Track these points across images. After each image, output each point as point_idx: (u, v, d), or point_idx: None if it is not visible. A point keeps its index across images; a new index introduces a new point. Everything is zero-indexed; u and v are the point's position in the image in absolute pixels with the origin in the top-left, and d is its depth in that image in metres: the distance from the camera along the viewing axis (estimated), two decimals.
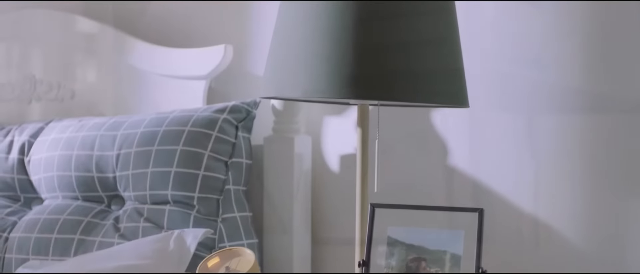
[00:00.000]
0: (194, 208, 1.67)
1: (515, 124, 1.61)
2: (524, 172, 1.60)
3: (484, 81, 1.63)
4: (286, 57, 1.34)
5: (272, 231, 1.78)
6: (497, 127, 1.63)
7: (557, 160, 1.57)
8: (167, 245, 1.56)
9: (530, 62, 1.59)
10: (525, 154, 1.60)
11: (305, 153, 1.79)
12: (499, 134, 1.62)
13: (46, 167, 1.86)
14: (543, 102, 1.59)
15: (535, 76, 1.59)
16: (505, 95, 1.62)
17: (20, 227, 1.84)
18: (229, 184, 1.70)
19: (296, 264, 1.76)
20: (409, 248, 1.17)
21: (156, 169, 1.70)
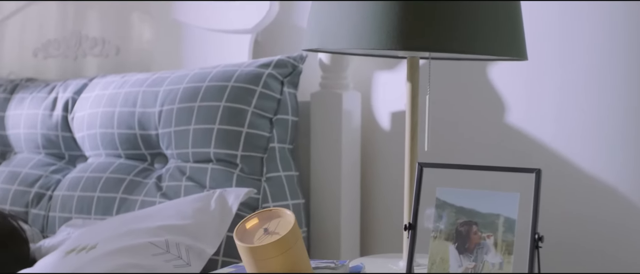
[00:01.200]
0: (237, 166, 1.60)
1: (576, 80, 1.49)
2: (584, 131, 1.48)
3: (543, 33, 1.52)
4: (330, 6, 1.25)
5: (319, 191, 1.70)
6: (556, 83, 1.52)
7: (621, 119, 1.45)
8: (208, 205, 1.50)
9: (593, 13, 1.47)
10: (586, 112, 1.48)
11: (354, 110, 1.70)
12: (558, 90, 1.51)
13: (89, 124, 1.82)
14: (605, 57, 1.47)
15: (599, 28, 1.47)
16: (565, 48, 1.50)
17: (64, 185, 1.81)
18: (274, 142, 1.63)
19: (344, 225, 1.68)
20: (459, 211, 1.09)
21: (198, 127, 1.63)
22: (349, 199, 1.69)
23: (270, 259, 1.15)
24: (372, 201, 1.73)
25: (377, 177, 1.72)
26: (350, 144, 1.69)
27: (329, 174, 1.69)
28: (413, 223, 1.13)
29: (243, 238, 1.19)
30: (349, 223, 1.70)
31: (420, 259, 1.25)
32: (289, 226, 1.17)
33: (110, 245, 1.44)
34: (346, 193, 1.69)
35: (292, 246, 1.16)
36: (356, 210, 1.71)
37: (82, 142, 1.86)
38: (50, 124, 1.91)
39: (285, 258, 1.15)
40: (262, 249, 1.15)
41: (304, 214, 1.67)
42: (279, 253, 1.15)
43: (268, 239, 1.17)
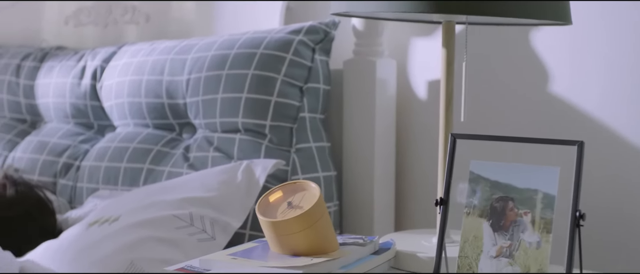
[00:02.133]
0: (266, 136, 1.54)
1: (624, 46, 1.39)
2: (631, 101, 1.39)
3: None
4: None
5: (351, 163, 1.64)
6: (602, 49, 1.42)
7: None
8: (235, 177, 1.45)
9: None
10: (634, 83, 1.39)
11: (389, 78, 1.62)
12: (604, 57, 1.41)
13: (117, 93, 1.77)
14: None
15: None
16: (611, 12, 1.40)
17: (92, 155, 1.77)
18: (304, 112, 1.57)
19: (377, 199, 1.62)
20: (494, 186, 1.01)
21: (226, 95, 1.57)
22: (383, 171, 1.62)
23: (293, 234, 1.09)
24: (407, 174, 1.66)
25: (412, 148, 1.65)
26: (384, 114, 1.62)
27: (362, 145, 1.62)
28: (445, 197, 1.06)
29: (266, 211, 1.13)
30: (382, 196, 1.63)
31: (456, 235, 1.18)
32: (313, 200, 1.11)
33: (133, 217, 1.39)
34: (380, 165, 1.62)
35: (316, 221, 1.10)
36: (390, 183, 1.64)
37: (110, 112, 1.81)
38: (78, 93, 1.87)
39: (310, 233, 1.09)
40: (285, 224, 1.09)
41: (335, 186, 1.60)
42: (303, 228, 1.09)
43: (291, 213, 1.10)
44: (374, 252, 1.18)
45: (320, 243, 1.11)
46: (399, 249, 1.22)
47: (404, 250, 1.22)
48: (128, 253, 1.32)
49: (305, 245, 1.10)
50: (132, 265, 1.30)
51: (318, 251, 1.11)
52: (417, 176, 1.65)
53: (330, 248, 1.12)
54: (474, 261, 1.00)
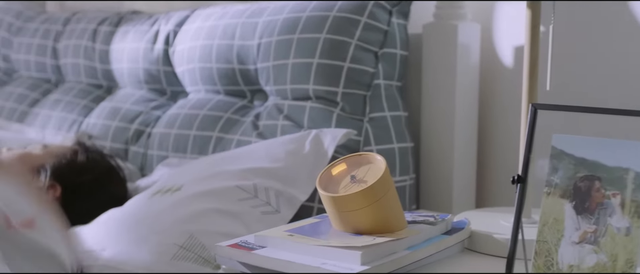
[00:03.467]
0: (338, 105, 1.45)
1: None
2: None
3: None
4: None
5: (430, 134, 1.53)
6: None
7: None
8: (302, 147, 1.37)
9: None
10: None
11: (471, 44, 1.50)
12: None
13: (189, 58, 1.71)
14: None
15: None
16: None
17: (163, 122, 1.72)
18: (379, 79, 1.47)
19: (457, 173, 1.51)
20: (579, 163, 0.89)
21: (297, 61, 1.49)
22: (464, 144, 1.51)
23: (355, 211, 1.01)
24: (490, 147, 1.54)
25: (497, 119, 1.53)
26: (466, 82, 1.50)
27: (441, 115, 1.51)
28: (523, 175, 0.94)
29: (328, 185, 1.04)
30: (463, 170, 1.52)
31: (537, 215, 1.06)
32: (379, 174, 1.02)
33: (196, 187, 1.33)
34: (461, 137, 1.50)
35: (381, 197, 1.00)
36: (472, 156, 1.53)
37: (182, 78, 1.76)
38: (151, 58, 1.82)
39: (373, 210, 1.00)
40: (347, 199, 1.01)
41: (411, 159, 1.50)
42: (366, 204, 1.00)
43: (354, 187, 1.02)
44: (446, 232, 1.08)
45: (385, 221, 1.02)
46: (474, 229, 1.11)
47: (479, 230, 1.11)
48: (188, 224, 1.26)
49: (369, 223, 1.01)
50: (191, 237, 1.24)
51: (383, 229, 1.01)
52: (501, 149, 1.53)
53: (397, 226, 1.03)
54: (553, 247, 0.89)
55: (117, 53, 1.92)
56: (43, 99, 2.12)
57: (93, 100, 1.98)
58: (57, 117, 2.00)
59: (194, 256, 1.22)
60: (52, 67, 2.16)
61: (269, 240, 1.01)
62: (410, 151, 1.50)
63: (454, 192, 1.50)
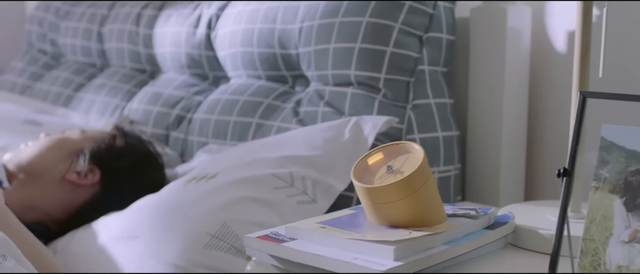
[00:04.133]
0: (380, 91, 1.40)
1: None
2: None
3: None
4: None
5: (477, 123, 1.46)
6: None
7: None
8: (341, 134, 1.32)
9: None
10: None
11: (522, 28, 1.43)
12: None
13: (230, 42, 1.68)
14: None
15: None
16: None
17: (203, 108, 1.69)
18: (423, 64, 1.41)
19: (505, 163, 1.44)
20: (631, 156, 0.82)
21: (339, 45, 1.44)
22: (513, 133, 1.44)
23: (391, 203, 0.95)
24: (541, 136, 1.47)
25: (548, 107, 1.45)
26: (516, 68, 1.43)
27: (489, 103, 1.44)
28: (569, 168, 0.88)
29: (363, 175, 0.99)
30: (512, 161, 1.45)
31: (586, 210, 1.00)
32: (416, 164, 0.96)
33: (231, 175, 1.29)
34: (510, 126, 1.44)
35: (418, 189, 0.95)
36: (521, 146, 1.46)
37: (224, 62, 1.72)
38: (193, 43, 1.79)
39: (410, 202, 0.95)
40: (381, 191, 0.95)
41: (457, 148, 1.44)
42: (402, 196, 0.95)
43: (389, 178, 0.96)
44: (488, 226, 1.02)
45: (422, 214, 0.96)
46: (519, 224, 1.05)
47: (524, 225, 1.05)
48: (221, 213, 1.22)
49: (405, 216, 0.96)
50: (224, 226, 1.20)
51: (420, 222, 0.96)
52: (552, 139, 1.45)
53: (435, 220, 0.97)
54: (601, 246, 0.82)
55: (160, 37, 1.89)
56: (88, 84, 2.11)
57: (136, 85, 1.96)
58: (101, 102, 1.98)
59: (226, 246, 1.18)
60: (97, 51, 2.14)
61: (300, 232, 0.96)
62: (455, 140, 1.44)
63: (502, 183, 1.44)
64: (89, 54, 2.17)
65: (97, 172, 1.48)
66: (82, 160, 1.48)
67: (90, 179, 1.47)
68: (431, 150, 1.38)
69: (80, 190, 1.46)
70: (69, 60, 2.28)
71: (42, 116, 2.02)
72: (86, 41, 2.17)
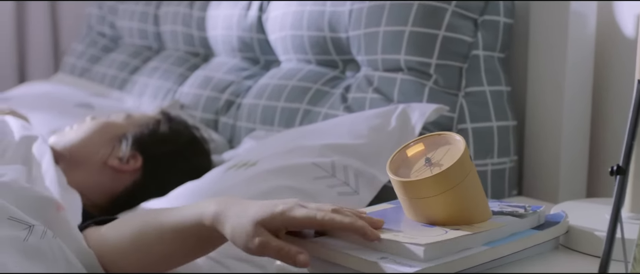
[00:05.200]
0: (430, 77, 1.32)
1: None
2: None
3: None
4: None
5: (536, 112, 1.37)
6: None
7: None
8: (387, 123, 1.25)
9: None
10: None
11: (587, 11, 1.33)
12: None
13: (281, 25, 1.62)
14: None
15: None
16: None
17: (252, 92, 1.64)
18: (478, 49, 1.32)
19: (566, 156, 1.34)
20: None
21: (389, 29, 1.36)
22: (575, 123, 1.34)
23: (427, 198, 0.88)
24: (605, 128, 1.37)
25: (613, 97, 1.35)
26: (580, 54, 1.33)
27: (550, 91, 1.35)
28: (623, 165, 0.79)
29: (400, 168, 0.92)
30: (573, 153, 1.35)
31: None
32: (457, 155, 0.89)
33: (271, 163, 1.24)
34: (572, 116, 1.34)
35: (457, 184, 0.88)
36: (584, 138, 1.36)
37: (275, 46, 1.67)
38: (245, 25, 1.73)
39: (448, 198, 0.88)
40: (416, 185, 0.88)
41: (513, 139, 1.35)
42: (439, 191, 0.87)
43: (426, 172, 0.89)
44: (538, 226, 0.94)
45: (462, 211, 0.89)
46: (572, 224, 0.96)
47: (579, 225, 0.96)
48: None
49: (442, 212, 0.89)
50: None
51: (460, 220, 0.89)
52: (617, 131, 1.35)
53: (478, 217, 0.90)
54: None
55: (212, 20, 1.85)
56: (143, 67, 2.08)
57: (189, 68, 1.92)
58: (154, 85, 1.95)
59: None
60: (153, 34, 2.12)
61: None
62: (511, 130, 1.35)
63: (562, 178, 1.34)
64: (145, 37, 2.15)
65: (139, 158, 1.44)
66: (124, 145, 1.45)
67: (132, 165, 1.44)
68: (484, 141, 1.30)
69: (121, 176, 1.43)
70: (126, 43, 2.26)
71: (96, 99, 2.01)
72: (143, 23, 2.14)
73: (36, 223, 1.03)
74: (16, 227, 1.01)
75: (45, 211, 1.07)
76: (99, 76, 2.20)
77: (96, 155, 1.43)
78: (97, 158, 1.43)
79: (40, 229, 1.02)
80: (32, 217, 1.05)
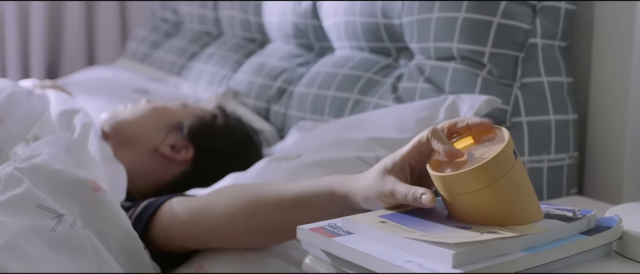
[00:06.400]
0: (484, 67, 1.24)
1: None
2: None
3: None
4: None
5: (599, 106, 1.28)
6: None
7: None
8: (436, 115, 1.18)
9: None
10: None
11: None
12: None
13: (335, 11, 1.56)
14: None
15: None
16: None
17: (304, 80, 1.59)
18: (536, 37, 1.23)
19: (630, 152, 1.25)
20: None
21: (441, 15, 1.29)
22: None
23: (463, 195, 0.82)
24: None
25: None
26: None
27: (616, 82, 1.25)
28: None
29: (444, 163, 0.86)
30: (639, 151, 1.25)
31: None
32: (497, 149, 0.82)
33: (314, 156, 1.19)
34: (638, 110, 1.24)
35: (496, 180, 0.81)
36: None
37: (329, 32, 1.61)
38: (299, 11, 1.68)
39: (485, 196, 0.81)
40: (450, 181, 0.82)
41: (573, 134, 1.26)
42: (474, 189, 0.81)
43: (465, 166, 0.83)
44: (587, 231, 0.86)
45: (503, 211, 0.82)
46: (627, 229, 0.88)
47: (634, 231, 0.88)
48: None
49: (480, 211, 0.82)
50: None
51: (501, 220, 0.82)
52: None
53: (523, 218, 0.83)
54: None
55: (268, 6, 1.80)
56: (200, 53, 2.05)
57: (245, 54, 1.88)
58: (209, 72, 1.92)
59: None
60: (212, 19, 2.08)
61: (358, 226, 0.84)
62: (572, 125, 1.26)
63: (626, 176, 1.25)
64: (204, 22, 2.12)
65: (191, 149, 1.41)
66: (178, 134, 1.41)
67: (183, 155, 1.40)
68: (540, 135, 1.22)
69: (171, 165, 1.40)
70: (186, 28, 2.24)
71: (153, 84, 1.99)
72: (202, 9, 2.11)
73: (65, 212, 1.00)
74: (45, 216, 0.98)
75: (80, 193, 1.04)
76: (158, 61, 2.19)
77: (147, 138, 1.41)
78: (148, 142, 1.40)
79: (69, 219, 1.00)
80: (66, 199, 1.03)
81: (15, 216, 0.96)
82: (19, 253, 0.92)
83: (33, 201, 0.99)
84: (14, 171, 1.02)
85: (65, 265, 0.95)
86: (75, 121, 1.23)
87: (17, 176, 1.01)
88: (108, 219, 1.05)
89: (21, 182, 1.00)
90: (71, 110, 1.26)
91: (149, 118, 1.45)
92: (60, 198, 1.03)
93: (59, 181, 1.04)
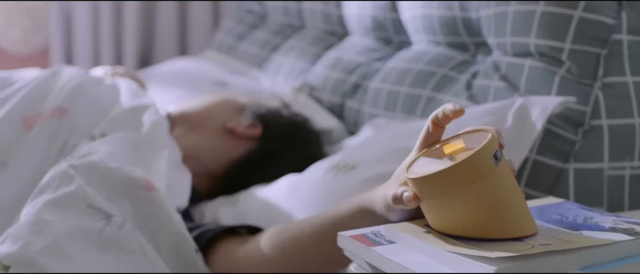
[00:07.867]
0: (563, 64, 1.15)
1: None
2: None
3: None
4: None
5: None
6: None
7: None
8: (503, 120, 1.09)
9: None
10: None
11: None
12: None
13: (412, 3, 1.49)
14: None
15: None
16: None
17: (379, 75, 1.53)
18: (621, 33, 1.13)
19: None
20: None
21: (519, 8, 1.20)
22: None
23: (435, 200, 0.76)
24: None
25: None
26: None
27: None
28: None
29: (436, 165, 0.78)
30: None
31: None
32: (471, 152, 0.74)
33: (369, 169, 1.14)
34: None
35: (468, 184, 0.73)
36: None
37: (407, 25, 1.54)
38: (378, 3, 1.62)
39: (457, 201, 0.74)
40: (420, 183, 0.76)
41: None
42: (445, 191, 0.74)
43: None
44: None
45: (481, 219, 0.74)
46: None
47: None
48: None
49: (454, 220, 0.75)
50: None
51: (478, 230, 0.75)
52: None
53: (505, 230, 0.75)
54: None
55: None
56: (282, 45, 2.02)
57: (325, 47, 1.83)
58: (288, 65, 1.89)
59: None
60: (295, 11, 2.04)
61: (400, 235, 0.78)
62: None
63: None
64: (288, 14, 2.08)
65: (259, 127, 1.42)
66: (247, 113, 1.45)
67: (251, 131, 1.40)
68: (623, 140, 1.11)
69: (238, 142, 1.41)
70: (271, 20, 2.21)
71: (233, 77, 1.97)
72: (286, 1, 2.08)
73: (116, 212, 0.98)
74: (94, 216, 0.97)
75: (133, 192, 1.02)
76: (242, 53, 2.17)
77: (216, 118, 1.44)
78: (217, 120, 1.44)
79: (118, 221, 0.97)
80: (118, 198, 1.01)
81: (63, 215, 0.95)
82: (60, 254, 0.91)
83: (83, 200, 0.98)
84: (69, 168, 1.01)
85: (107, 266, 0.93)
86: (144, 118, 1.20)
87: (70, 173, 1.00)
88: (159, 218, 1.03)
89: (73, 180, 0.99)
90: (141, 106, 1.22)
91: (217, 104, 1.50)
92: (113, 196, 1.01)
93: (112, 179, 1.02)
